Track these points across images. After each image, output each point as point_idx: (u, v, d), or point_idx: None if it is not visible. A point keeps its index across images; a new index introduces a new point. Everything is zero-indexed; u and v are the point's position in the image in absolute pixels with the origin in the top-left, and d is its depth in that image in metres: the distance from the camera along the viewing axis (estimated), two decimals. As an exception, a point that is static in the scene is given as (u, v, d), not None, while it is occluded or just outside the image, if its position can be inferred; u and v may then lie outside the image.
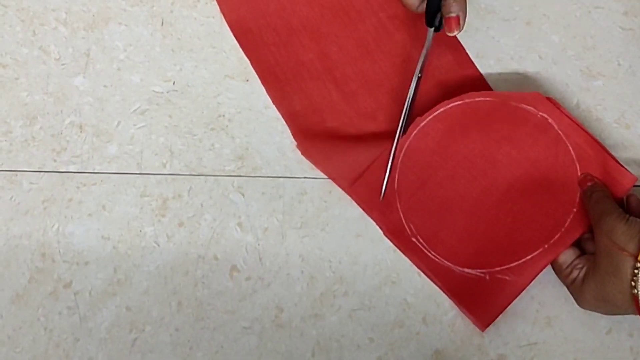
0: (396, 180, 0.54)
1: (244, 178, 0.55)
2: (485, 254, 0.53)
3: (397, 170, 0.54)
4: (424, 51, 0.53)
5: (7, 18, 0.54)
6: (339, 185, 0.54)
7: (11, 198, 0.53)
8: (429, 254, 0.54)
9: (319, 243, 0.55)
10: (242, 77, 0.56)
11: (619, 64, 0.58)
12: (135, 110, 0.55)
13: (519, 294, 0.52)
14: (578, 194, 0.52)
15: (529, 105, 0.53)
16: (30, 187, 0.54)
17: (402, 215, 0.54)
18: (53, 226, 0.54)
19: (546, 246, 0.52)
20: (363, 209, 0.54)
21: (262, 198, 0.55)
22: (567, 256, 0.52)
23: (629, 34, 0.58)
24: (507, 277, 0.52)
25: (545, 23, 0.58)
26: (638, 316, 0.46)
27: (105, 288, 0.53)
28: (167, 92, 0.55)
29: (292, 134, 0.55)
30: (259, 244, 0.54)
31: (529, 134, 0.53)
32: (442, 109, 0.54)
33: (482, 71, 0.57)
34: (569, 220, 0.52)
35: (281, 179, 0.55)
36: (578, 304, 0.51)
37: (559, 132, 0.53)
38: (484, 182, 0.54)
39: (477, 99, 0.53)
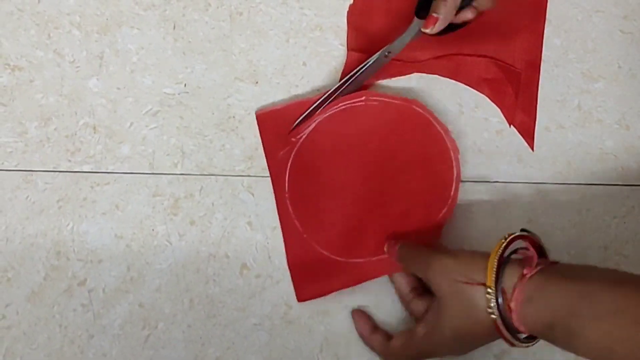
0: (290, 160, 0.55)
1: (254, 178, 0.56)
2: (356, 245, 0.55)
3: (295, 147, 0.55)
4: (405, 35, 0.53)
5: (22, 22, 0.55)
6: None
7: (27, 197, 0.54)
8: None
9: (327, 241, 0.56)
10: (252, 80, 0.57)
11: (619, 67, 0.59)
12: (147, 112, 0.56)
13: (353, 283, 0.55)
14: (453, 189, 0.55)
15: (417, 107, 0.55)
16: (45, 187, 0.54)
17: (287, 190, 0.55)
18: (67, 225, 0.55)
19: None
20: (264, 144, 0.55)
21: (271, 197, 0.56)
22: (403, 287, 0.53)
23: (629, 37, 0.59)
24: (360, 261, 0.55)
25: (547, 27, 0.58)
26: (501, 339, 0.46)
27: (119, 285, 0.54)
28: (179, 94, 0.56)
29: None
30: (268, 242, 0.56)
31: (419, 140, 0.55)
32: (318, 120, 0.55)
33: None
34: (441, 214, 0.55)
35: (290, 179, 0.56)
36: (429, 357, 0.50)
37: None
38: (365, 179, 0.56)
39: (344, 104, 0.55)
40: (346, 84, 0.55)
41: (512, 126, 0.57)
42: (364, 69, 0.55)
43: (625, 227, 0.58)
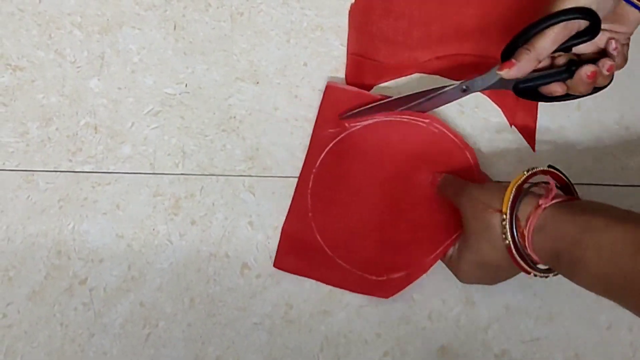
0: (333, 142, 0.55)
1: (255, 178, 0.56)
2: (351, 250, 0.55)
3: (344, 132, 0.55)
4: (488, 76, 0.52)
5: (23, 22, 0.56)
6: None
7: (28, 197, 0.55)
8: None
9: (327, 241, 0.56)
10: (253, 80, 0.57)
11: (619, 67, 0.59)
12: (148, 112, 0.56)
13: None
14: None
15: (469, 153, 0.55)
16: (46, 187, 0.55)
17: (316, 167, 0.55)
18: (68, 224, 0.55)
19: (432, 256, 0.54)
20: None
21: (272, 197, 0.56)
22: None
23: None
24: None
25: (547, 27, 0.59)
26: (515, 275, 0.48)
27: (120, 285, 0.55)
28: (180, 94, 0.56)
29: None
30: (269, 242, 0.56)
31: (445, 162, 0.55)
32: (377, 119, 0.55)
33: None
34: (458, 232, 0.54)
35: (290, 178, 0.56)
36: (460, 279, 0.53)
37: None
38: (387, 195, 0.56)
39: (407, 118, 0.55)
40: (417, 101, 0.54)
41: (513, 126, 0.58)
42: (439, 92, 0.54)
43: (625, 227, 0.58)
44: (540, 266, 0.47)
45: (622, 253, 0.40)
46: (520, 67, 0.49)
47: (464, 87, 0.53)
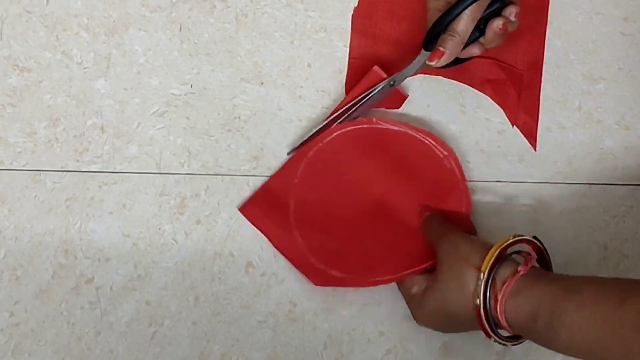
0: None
1: (259, 177, 0.56)
2: (312, 236, 0.55)
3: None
4: (411, 66, 0.54)
5: (31, 24, 0.56)
6: None
7: (35, 197, 0.55)
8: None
9: (331, 240, 0.56)
10: (257, 81, 0.57)
11: (619, 68, 0.59)
12: (154, 112, 0.56)
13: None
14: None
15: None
16: (53, 186, 0.55)
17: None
18: (75, 224, 0.55)
19: (385, 277, 0.55)
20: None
21: (276, 197, 0.56)
22: None
23: (629, 39, 0.59)
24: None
25: (548, 28, 0.59)
26: (479, 329, 0.47)
27: (126, 283, 0.55)
28: (185, 95, 0.57)
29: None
30: (273, 241, 0.56)
31: (423, 166, 0.56)
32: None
33: (487, 75, 0.59)
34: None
35: (295, 178, 0.57)
36: (415, 320, 0.52)
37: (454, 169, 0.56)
38: (368, 204, 0.56)
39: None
40: (347, 114, 0.55)
41: (514, 126, 0.58)
42: (368, 97, 0.55)
43: (624, 226, 0.58)
44: (503, 333, 0.47)
45: (606, 303, 0.40)
46: (450, 54, 0.51)
47: (391, 82, 0.55)
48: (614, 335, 0.39)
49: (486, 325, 0.46)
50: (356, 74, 0.57)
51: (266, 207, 0.55)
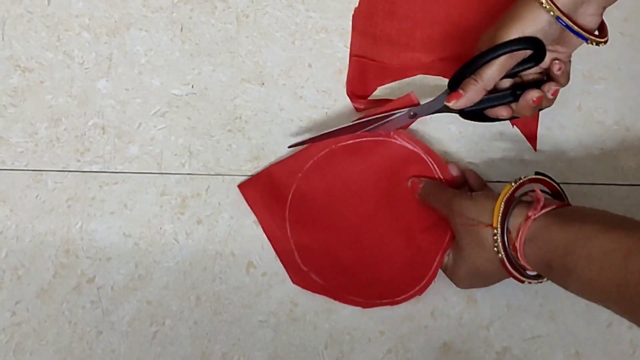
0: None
1: (260, 178, 0.57)
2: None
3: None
4: (433, 103, 0.53)
5: (32, 24, 0.56)
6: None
7: (37, 197, 0.55)
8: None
9: (331, 240, 0.57)
10: (258, 81, 0.57)
11: (619, 69, 0.59)
12: (155, 113, 0.57)
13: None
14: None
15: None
16: (54, 186, 0.55)
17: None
18: (77, 224, 0.55)
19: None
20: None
21: (277, 197, 0.56)
22: None
23: (629, 39, 0.60)
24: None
25: (548, 29, 0.59)
26: (510, 277, 0.48)
27: (127, 283, 0.55)
28: (186, 95, 0.57)
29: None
30: (274, 241, 0.56)
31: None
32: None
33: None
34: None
35: (295, 178, 0.57)
36: (457, 285, 0.53)
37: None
38: (362, 219, 0.56)
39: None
40: (369, 127, 0.55)
41: (514, 127, 0.58)
42: (386, 121, 0.55)
43: (625, 227, 0.59)
44: (533, 273, 0.48)
45: (612, 260, 0.41)
46: (468, 98, 0.50)
47: (412, 113, 0.54)
48: (620, 293, 0.40)
49: (515, 274, 0.47)
50: (357, 74, 0.58)
51: (265, 191, 0.55)
